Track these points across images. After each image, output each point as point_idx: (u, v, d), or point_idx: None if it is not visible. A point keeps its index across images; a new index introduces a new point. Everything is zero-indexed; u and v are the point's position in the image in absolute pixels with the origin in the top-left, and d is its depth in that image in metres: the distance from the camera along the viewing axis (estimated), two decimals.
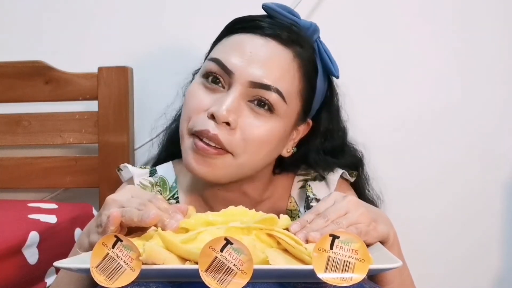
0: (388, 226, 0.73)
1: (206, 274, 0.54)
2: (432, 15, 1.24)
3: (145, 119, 1.07)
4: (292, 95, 0.82)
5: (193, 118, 0.80)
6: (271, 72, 0.79)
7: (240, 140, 0.79)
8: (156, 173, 0.94)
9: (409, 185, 1.24)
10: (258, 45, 0.81)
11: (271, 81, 0.79)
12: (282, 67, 0.81)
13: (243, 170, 0.82)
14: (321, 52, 0.86)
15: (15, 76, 1.25)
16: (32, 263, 0.94)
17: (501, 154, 1.23)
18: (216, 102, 0.79)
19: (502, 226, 1.23)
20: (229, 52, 0.81)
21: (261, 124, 0.80)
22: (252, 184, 0.88)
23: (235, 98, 0.78)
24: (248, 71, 0.79)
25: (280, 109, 0.80)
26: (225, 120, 0.77)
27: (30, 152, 1.29)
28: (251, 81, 0.79)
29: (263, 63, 0.79)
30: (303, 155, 0.91)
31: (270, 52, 0.80)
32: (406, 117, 1.24)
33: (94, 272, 0.57)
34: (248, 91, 0.79)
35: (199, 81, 0.83)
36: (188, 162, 0.80)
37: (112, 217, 0.64)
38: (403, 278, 0.79)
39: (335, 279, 0.54)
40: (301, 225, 0.67)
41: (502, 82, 1.22)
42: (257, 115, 0.80)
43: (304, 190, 0.92)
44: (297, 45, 0.82)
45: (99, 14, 1.31)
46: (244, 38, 0.82)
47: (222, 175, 0.81)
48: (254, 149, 0.80)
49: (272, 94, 0.79)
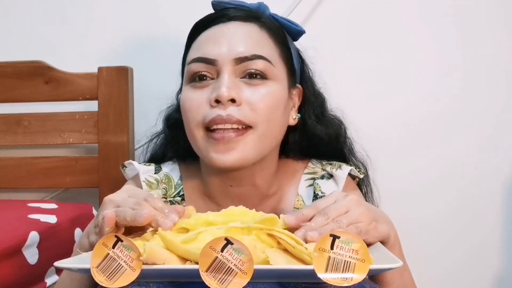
0: (389, 226, 0.73)
1: (206, 274, 0.54)
2: (432, 15, 1.24)
3: (145, 119, 1.06)
4: (275, 59, 0.86)
5: (198, 115, 0.83)
6: (247, 44, 0.84)
7: (250, 111, 0.82)
8: (161, 170, 0.95)
9: (409, 185, 1.24)
10: (225, 29, 0.85)
11: (252, 50, 0.83)
12: (254, 38, 0.85)
13: (266, 141, 0.84)
14: (279, 20, 0.91)
15: (15, 76, 1.25)
16: (32, 263, 0.94)
17: (501, 154, 1.23)
18: (213, 89, 0.82)
19: (502, 226, 1.23)
20: (202, 47, 0.85)
21: (261, 91, 0.83)
22: (262, 171, 0.88)
23: (229, 77, 0.82)
24: (227, 52, 0.83)
25: (270, 73, 0.84)
26: (229, 98, 0.80)
27: (30, 152, 1.29)
28: (234, 58, 0.82)
29: (238, 40, 0.84)
30: (305, 128, 0.93)
31: (238, 30, 0.85)
32: (406, 117, 1.24)
33: (95, 272, 0.57)
34: (236, 68, 0.83)
35: (187, 87, 0.86)
36: (211, 157, 0.82)
37: (106, 218, 0.65)
38: (404, 279, 0.79)
39: (336, 279, 0.54)
40: (296, 218, 0.67)
41: (502, 82, 1.22)
42: (254, 87, 0.83)
43: (312, 188, 0.92)
44: (257, 20, 0.87)
45: (99, 14, 1.31)
46: (210, 31, 0.86)
47: (251, 153, 0.82)
48: (266, 116, 0.83)
49: (258, 61, 0.83)
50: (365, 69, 1.24)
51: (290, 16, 1.18)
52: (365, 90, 1.24)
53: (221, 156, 0.81)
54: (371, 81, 1.25)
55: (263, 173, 0.89)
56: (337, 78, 1.13)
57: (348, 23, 1.25)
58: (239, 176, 0.86)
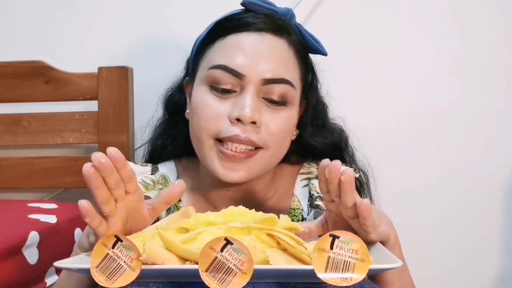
0: (389, 227, 0.73)
1: (206, 274, 0.54)
2: (431, 15, 1.24)
3: (145, 119, 1.07)
4: (297, 81, 0.86)
5: (214, 126, 0.82)
6: (277, 65, 0.83)
7: (266, 134, 0.82)
8: (158, 171, 0.94)
9: (409, 186, 1.24)
10: (257, 41, 0.83)
11: (280, 74, 0.83)
12: (284, 57, 0.84)
13: (272, 160, 0.86)
14: (304, 34, 0.90)
15: (15, 76, 1.25)
16: (32, 263, 0.94)
17: (501, 155, 1.23)
18: (236, 105, 0.81)
19: (502, 226, 1.23)
20: (231, 55, 0.82)
21: (280, 117, 0.83)
22: (260, 180, 0.88)
23: (253, 98, 0.81)
24: (257, 70, 0.81)
25: (291, 98, 0.84)
26: (252, 120, 0.80)
27: (30, 152, 1.29)
28: (263, 79, 0.81)
29: (268, 58, 0.82)
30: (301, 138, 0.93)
31: (270, 46, 0.84)
32: (406, 117, 1.24)
33: (94, 272, 0.57)
34: (261, 88, 0.82)
35: (205, 89, 0.84)
36: (217, 170, 0.82)
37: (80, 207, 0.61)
38: (404, 280, 0.79)
39: (335, 279, 0.54)
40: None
41: (502, 82, 1.23)
42: (273, 110, 0.83)
43: (307, 188, 0.92)
44: (287, 33, 0.86)
45: (99, 14, 1.31)
46: (240, 37, 0.84)
47: (255, 172, 0.84)
48: (279, 140, 0.84)
49: (284, 86, 0.83)
50: (365, 69, 1.24)
51: None
52: (365, 90, 1.24)
53: (227, 173, 0.82)
54: (372, 81, 1.25)
55: (261, 181, 0.89)
56: (337, 78, 1.13)
57: (348, 24, 1.25)
58: (237, 184, 0.86)
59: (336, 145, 0.97)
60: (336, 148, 0.97)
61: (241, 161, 0.81)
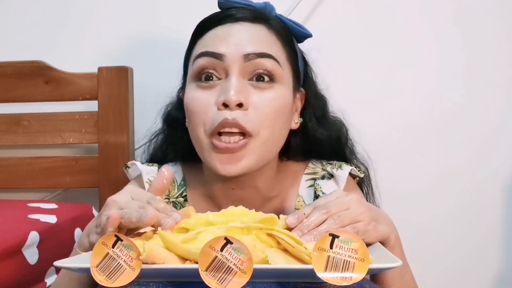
0: (389, 227, 0.73)
1: (206, 273, 0.54)
2: (433, 16, 1.24)
3: (145, 119, 1.07)
4: (282, 60, 0.85)
5: (205, 118, 0.82)
6: (257, 43, 0.83)
7: (256, 117, 0.81)
8: None
9: (409, 186, 1.24)
10: (234, 29, 0.84)
11: (262, 49, 0.82)
12: (264, 39, 0.84)
13: (269, 147, 0.84)
14: (286, 22, 0.90)
15: (15, 76, 1.25)
16: (32, 263, 0.94)
17: (502, 156, 1.23)
18: (221, 91, 0.81)
19: (503, 227, 1.23)
20: (211, 44, 0.83)
21: (269, 96, 0.82)
22: (264, 174, 0.88)
23: (237, 80, 0.81)
24: (237, 48, 0.82)
25: (278, 75, 0.83)
26: (238, 102, 0.79)
27: (30, 152, 1.29)
28: (244, 55, 0.81)
29: (246, 39, 0.83)
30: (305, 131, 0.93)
31: (249, 31, 0.84)
32: (407, 118, 1.24)
33: (94, 271, 0.57)
34: (244, 67, 0.81)
35: (192, 86, 0.84)
36: (214, 165, 0.82)
37: (111, 218, 0.65)
38: (405, 280, 0.79)
39: (335, 278, 0.54)
40: (297, 218, 0.68)
41: (503, 83, 1.23)
42: (261, 90, 0.82)
43: (313, 188, 0.92)
44: (265, 21, 0.86)
45: (99, 14, 1.31)
46: (218, 30, 0.85)
47: (253, 161, 0.82)
48: (271, 122, 0.82)
49: (268, 60, 0.82)
50: (366, 70, 1.24)
51: (290, 16, 1.18)
52: (366, 91, 1.24)
53: (226, 166, 0.81)
54: (372, 82, 1.25)
55: (264, 176, 0.88)
56: (338, 78, 1.13)
57: (349, 24, 1.25)
58: (241, 180, 0.86)
59: (338, 138, 0.97)
60: (337, 141, 0.97)
61: (236, 152, 0.80)
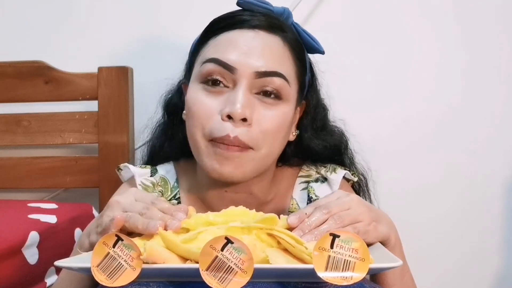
0: (389, 228, 0.73)
1: (206, 273, 0.54)
2: (433, 15, 1.24)
3: (145, 119, 1.07)
4: (291, 78, 0.84)
5: (207, 125, 0.80)
6: (270, 60, 0.81)
7: (258, 133, 0.80)
8: (157, 173, 0.94)
9: (409, 187, 1.24)
10: (249, 37, 0.82)
11: (274, 67, 0.81)
12: (277, 53, 0.83)
13: (265, 161, 0.83)
14: (301, 33, 0.89)
15: (15, 76, 1.25)
16: (32, 263, 0.94)
17: (502, 156, 1.23)
18: (227, 102, 0.79)
19: (503, 227, 1.23)
20: (223, 50, 0.81)
21: (274, 113, 0.81)
22: (259, 182, 0.87)
23: (244, 93, 0.79)
24: (249, 63, 0.80)
25: (285, 94, 0.82)
26: (242, 117, 0.78)
27: (30, 152, 1.29)
28: (255, 71, 0.80)
29: (260, 53, 0.81)
30: (301, 140, 0.92)
31: (263, 41, 0.82)
32: (407, 119, 1.24)
33: (95, 271, 0.57)
34: (253, 82, 0.80)
35: (198, 87, 0.83)
36: (212, 167, 0.80)
37: (116, 220, 0.65)
38: (405, 281, 0.79)
39: (336, 278, 0.55)
40: (299, 217, 0.68)
41: (503, 82, 1.23)
42: (267, 106, 0.81)
43: (306, 191, 0.92)
44: (282, 31, 0.85)
45: (99, 14, 1.31)
46: (233, 34, 0.83)
47: (248, 171, 0.81)
48: (272, 139, 0.81)
49: (277, 79, 0.81)
50: (366, 70, 1.24)
51: None
52: (365, 92, 1.24)
53: (221, 167, 0.79)
54: (370, 84, 1.25)
55: (259, 183, 0.88)
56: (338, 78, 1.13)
57: (347, 24, 1.25)
58: (235, 184, 0.85)
59: (336, 148, 0.96)
60: (336, 151, 0.96)
61: (235, 154, 0.79)
